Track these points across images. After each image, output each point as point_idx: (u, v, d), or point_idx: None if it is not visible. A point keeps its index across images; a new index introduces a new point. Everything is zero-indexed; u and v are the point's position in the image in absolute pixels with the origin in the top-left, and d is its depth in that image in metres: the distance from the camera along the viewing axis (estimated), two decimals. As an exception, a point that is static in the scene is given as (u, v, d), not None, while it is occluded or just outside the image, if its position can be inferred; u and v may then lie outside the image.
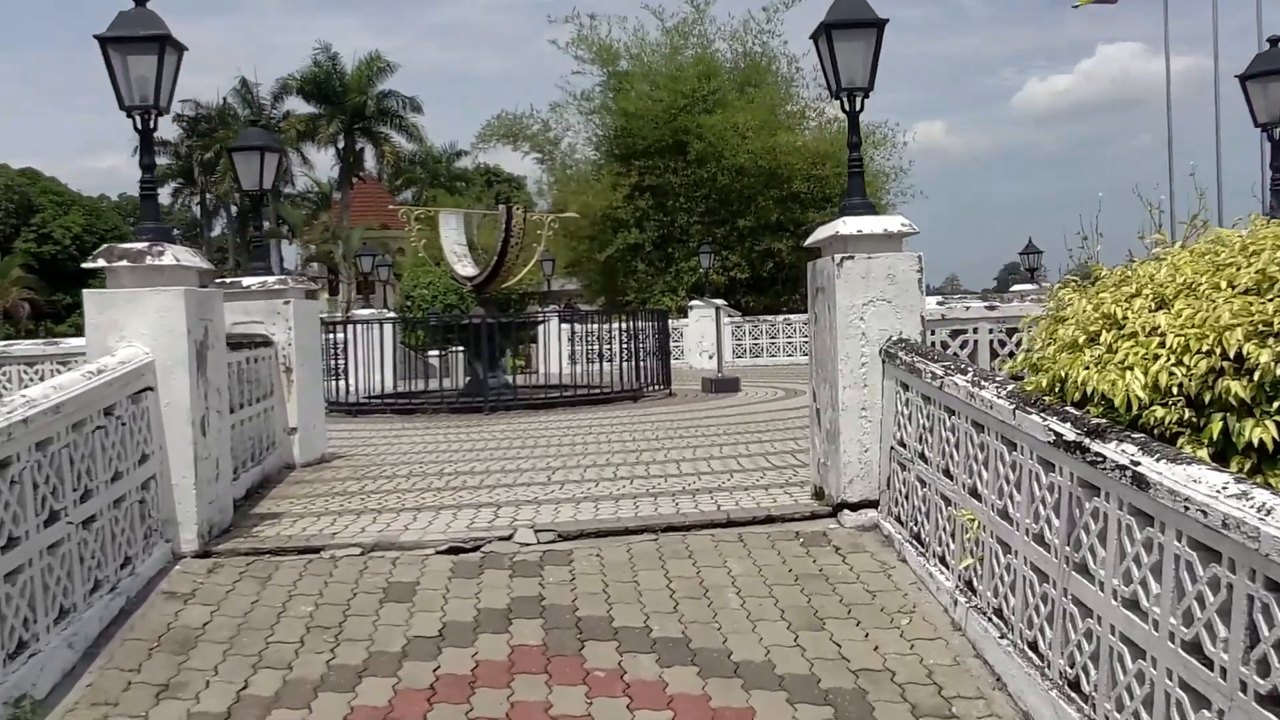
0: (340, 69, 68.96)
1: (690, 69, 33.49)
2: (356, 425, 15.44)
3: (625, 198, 32.78)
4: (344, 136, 70.36)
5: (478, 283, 18.78)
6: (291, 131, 69.75)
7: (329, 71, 68.87)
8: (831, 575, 6.32)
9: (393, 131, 72.35)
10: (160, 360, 6.66)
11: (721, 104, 32.89)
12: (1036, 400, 4.88)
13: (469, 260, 19.58)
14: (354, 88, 68.39)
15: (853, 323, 7.24)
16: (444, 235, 19.57)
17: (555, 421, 14.72)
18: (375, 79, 69.52)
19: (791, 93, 35.37)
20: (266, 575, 6.50)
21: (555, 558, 6.72)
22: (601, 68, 34.66)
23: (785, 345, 29.48)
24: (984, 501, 5.37)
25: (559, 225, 30.23)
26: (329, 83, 68.68)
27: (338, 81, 68.85)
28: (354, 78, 68.54)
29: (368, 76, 69.14)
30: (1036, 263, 25.42)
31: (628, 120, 33.35)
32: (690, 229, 33.12)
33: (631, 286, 33.53)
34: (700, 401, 17.54)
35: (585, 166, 36.11)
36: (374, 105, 69.65)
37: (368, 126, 71.35)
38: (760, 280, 33.32)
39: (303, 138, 70.61)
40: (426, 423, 15.55)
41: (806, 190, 32.42)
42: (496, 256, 18.25)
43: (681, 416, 14.82)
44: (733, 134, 31.86)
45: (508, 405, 16.78)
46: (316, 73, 68.66)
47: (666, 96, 32.82)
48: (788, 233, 32.41)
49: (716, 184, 32.75)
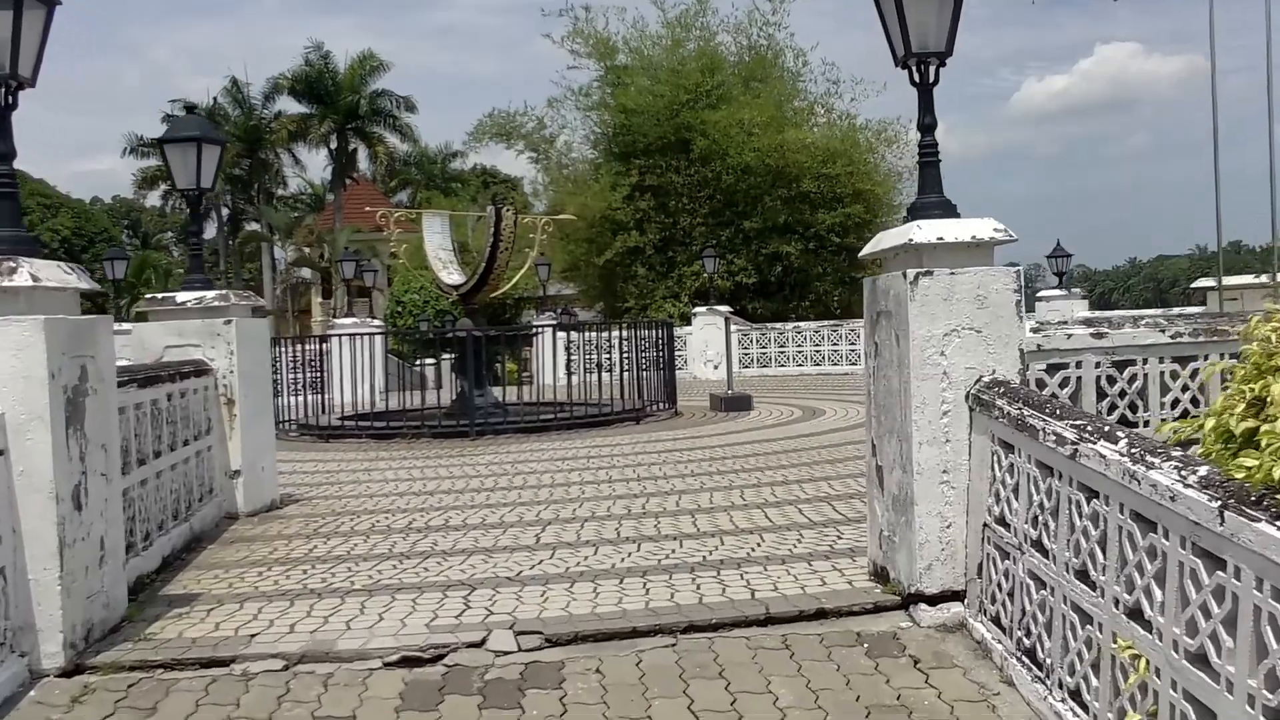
0: (333, 68, 67.48)
1: (692, 62, 31.86)
2: (327, 454, 13.79)
3: (625, 198, 31.15)
4: (336, 137, 68.88)
5: (464, 291, 17.12)
6: (283, 132, 68.31)
7: (321, 70, 67.40)
8: (915, 707, 4.63)
9: (386, 132, 70.81)
10: (10, 415, 4.98)
11: (726, 99, 31.28)
12: (1262, 500, 3.19)
13: (455, 267, 17.91)
14: (346, 87, 66.89)
15: (931, 359, 5.51)
16: (427, 240, 17.91)
17: (548, 450, 13.06)
18: (368, 78, 68.03)
19: (799, 88, 33.81)
20: (151, 705, 4.81)
21: (541, 674, 5.04)
22: (599, 62, 33.07)
23: (795, 355, 27.85)
24: (1158, 633, 3.67)
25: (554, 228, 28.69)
26: (321, 82, 67.23)
27: (330, 81, 67.40)
28: (346, 77, 67.05)
29: (360, 76, 67.66)
30: (1066, 267, 23.66)
31: (627, 117, 31.71)
32: (693, 231, 31.49)
33: (631, 292, 31.87)
34: (710, 423, 15.87)
35: (582, 166, 34.47)
36: (367, 105, 68.16)
37: (361, 126, 69.88)
38: (767, 285, 31.67)
39: (294, 138, 69.20)
40: (405, 451, 13.89)
41: (816, 190, 30.79)
42: (485, 263, 16.59)
43: (690, 444, 13.15)
44: (738, 131, 30.23)
45: (497, 429, 15.12)
46: (308, 72, 67.22)
47: (668, 91, 31.19)
48: (796, 235, 30.81)
49: (721, 184, 31.11)
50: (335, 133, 68.20)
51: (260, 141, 69.40)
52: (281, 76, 67.82)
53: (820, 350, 27.55)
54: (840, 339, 27.38)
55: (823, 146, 31.03)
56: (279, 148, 70.99)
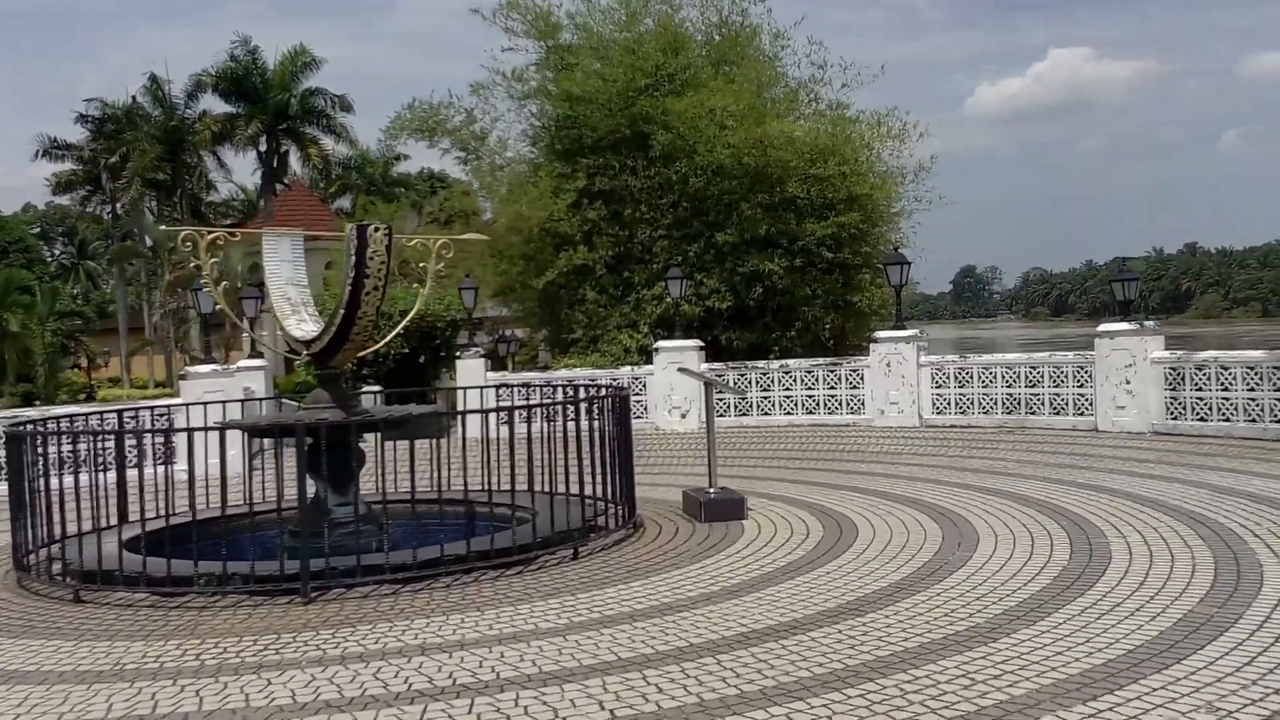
0: (261, 65, 62.42)
1: (651, 41, 26.23)
2: (38, 646, 8.00)
3: (570, 206, 25.48)
4: (266, 138, 63.61)
5: (317, 350, 11.38)
6: (206, 133, 63.17)
7: (248, 67, 62.25)
8: None
9: (320, 133, 65.67)
10: None
11: (692, 85, 25.70)
12: None
13: (309, 311, 12.14)
14: (277, 85, 61.79)
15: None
16: (269, 273, 12.15)
17: (408, 668, 7.30)
18: (300, 75, 62.90)
19: (778, 73, 28.20)
20: None
21: None
22: (539, 41, 27.33)
23: (782, 400, 22.26)
24: None
25: (463, 250, 23.03)
26: (248, 79, 62.12)
27: (258, 78, 62.30)
28: (277, 74, 61.92)
29: (292, 73, 62.52)
30: (1133, 293, 18.20)
31: (571, 106, 26.02)
32: (654, 246, 25.82)
33: (578, 321, 26.21)
34: (687, 557, 10.16)
35: (520, 167, 28.67)
36: (298, 104, 62.98)
37: (293, 127, 64.67)
38: (746, 311, 26.04)
39: (219, 139, 64.18)
40: (181, 636, 8.16)
41: (803, 195, 25.28)
42: (343, 308, 10.86)
43: (670, 645, 7.46)
44: (708, 122, 24.65)
45: (347, 579, 9.40)
46: (234, 68, 62.09)
47: (622, 75, 25.56)
48: (780, 249, 25.28)
49: (688, 188, 25.44)
50: (265, 134, 63.07)
51: (183, 143, 64.02)
52: (205, 73, 62.57)
53: (814, 395, 21.98)
54: (839, 381, 21.82)
55: (810, 142, 25.51)
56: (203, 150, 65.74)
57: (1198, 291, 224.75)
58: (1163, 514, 10.96)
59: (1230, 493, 12.08)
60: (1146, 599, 7.86)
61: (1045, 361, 19.76)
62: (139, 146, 61.85)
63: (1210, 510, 11.06)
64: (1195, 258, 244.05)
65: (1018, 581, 8.55)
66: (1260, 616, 7.31)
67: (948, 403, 20.70)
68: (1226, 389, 17.12)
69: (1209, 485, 12.64)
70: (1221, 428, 17.07)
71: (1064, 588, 8.29)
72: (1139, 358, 18.11)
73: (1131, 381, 18.12)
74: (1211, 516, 10.72)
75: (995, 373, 20.19)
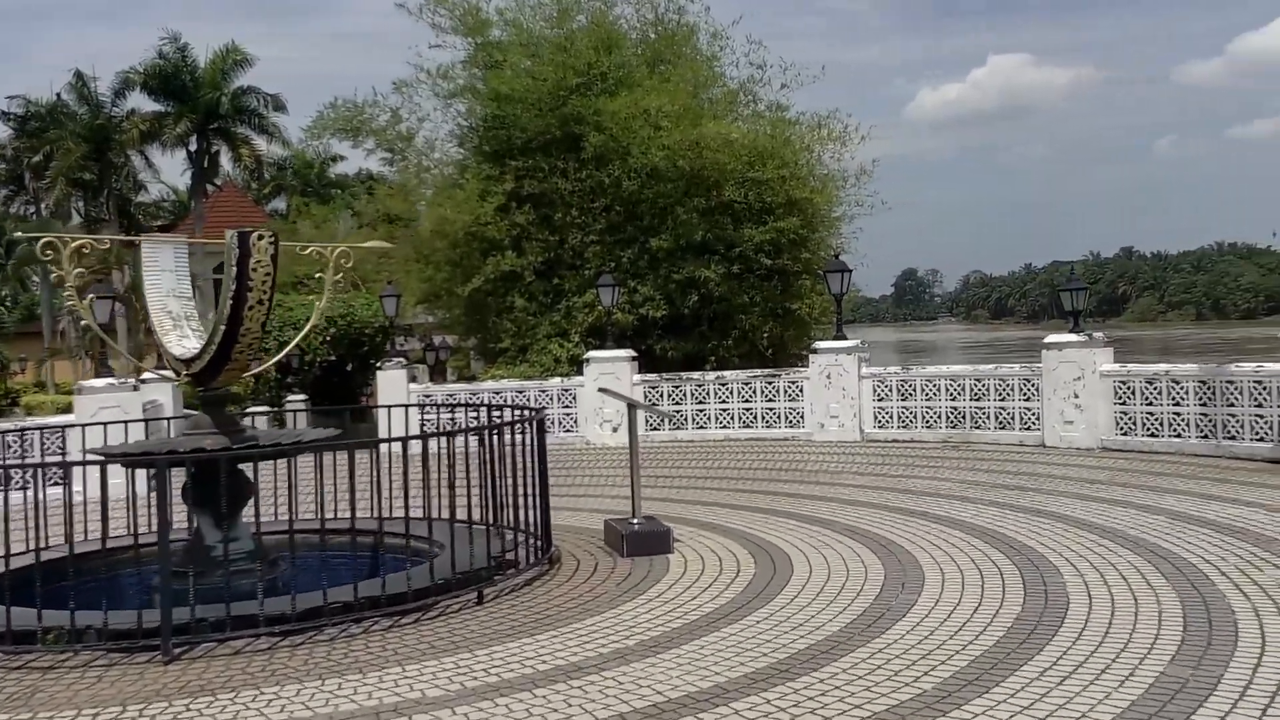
0: (191, 62, 60.74)
1: (584, 38, 25.20)
2: None
3: (498, 210, 24.39)
4: (196, 138, 62.00)
5: (197, 370, 10.26)
6: (134, 131, 61.38)
7: (178, 65, 60.56)
8: None
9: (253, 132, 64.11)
10: None
11: (627, 84, 24.68)
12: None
13: (192, 326, 11.01)
14: (207, 83, 60.19)
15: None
16: (148, 284, 11.01)
17: None
18: (232, 74, 61.33)
19: (716, 73, 27.28)
20: None
21: None
22: (468, 38, 26.21)
23: (718, 414, 21.33)
24: None
25: (387, 255, 21.96)
26: (178, 77, 60.44)
27: (188, 76, 60.65)
28: (207, 72, 60.32)
29: (223, 71, 60.91)
30: (1081, 303, 17.50)
31: (500, 105, 24.92)
32: (586, 252, 24.78)
33: (507, 329, 25.11)
34: (605, 600, 9.15)
35: (447, 169, 27.51)
36: (229, 103, 61.33)
37: (224, 126, 63.07)
38: (681, 320, 25.06)
39: (147, 138, 62.33)
40: (13, 708, 7.07)
41: (741, 199, 24.35)
42: (224, 324, 9.76)
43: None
44: (642, 123, 23.66)
45: (218, 633, 8.32)
46: (163, 66, 60.38)
47: (553, 73, 24.51)
48: (717, 255, 24.35)
49: (621, 191, 24.44)
50: (195, 133, 61.48)
51: (110, 142, 62.24)
52: (133, 71, 60.79)
53: (751, 408, 21.07)
54: (777, 393, 20.93)
55: (749, 144, 24.59)
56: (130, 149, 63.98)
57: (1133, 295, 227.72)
58: (1121, 546, 10.12)
59: (1190, 520, 11.28)
60: (1112, 657, 6.97)
61: (991, 374, 18.98)
62: (63, 145, 60.00)
63: (1171, 542, 10.23)
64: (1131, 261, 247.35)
65: (968, 633, 7.64)
66: (1240, 680, 6.45)
67: (890, 416, 19.87)
68: (1178, 404, 16.41)
69: (1166, 511, 11.84)
70: (1173, 444, 16.35)
71: (1020, 641, 7.39)
72: (1087, 371, 17.37)
73: (1080, 395, 17.38)
74: (1173, 550, 9.89)
75: (939, 385, 19.38)
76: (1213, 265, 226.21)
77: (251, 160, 65.55)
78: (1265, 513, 11.58)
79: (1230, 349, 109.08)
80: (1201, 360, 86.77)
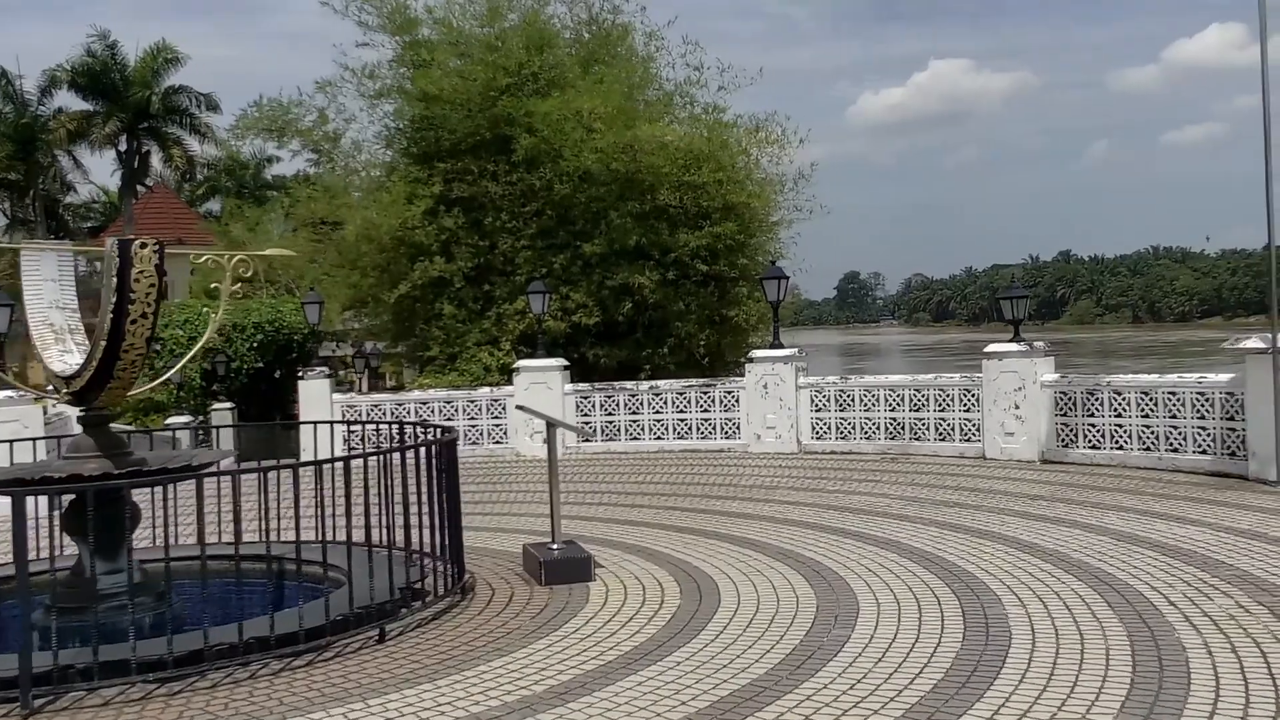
0: (121, 60, 59.61)
1: (515, 37, 24.50)
2: None
3: (425, 214, 23.64)
4: (127, 137, 60.74)
5: (78, 389, 9.47)
6: (61, 131, 60.09)
7: (106, 63, 59.35)
8: None
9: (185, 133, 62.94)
10: None
11: (559, 85, 24.03)
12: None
13: (75, 340, 10.20)
14: (137, 82, 59.03)
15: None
16: (29, 295, 10.19)
17: None
18: (163, 72, 60.16)
19: (651, 74, 26.68)
20: None
21: None
22: (395, 36, 25.42)
23: (652, 424, 20.70)
24: None
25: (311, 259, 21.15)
26: (107, 75, 59.23)
27: (118, 74, 59.43)
28: (137, 71, 59.19)
29: (153, 70, 59.75)
30: (1022, 312, 17.10)
31: (429, 106, 24.17)
32: (516, 257, 24.10)
33: (436, 337, 24.35)
34: (517, 637, 8.45)
35: (374, 171, 26.69)
36: (160, 102, 60.14)
37: (154, 126, 61.86)
38: (615, 327, 24.45)
39: (75, 138, 61.06)
40: None
41: (677, 204, 23.76)
42: (104, 340, 8.99)
43: None
44: (574, 125, 23.00)
45: (86, 681, 7.56)
46: (91, 64, 59.07)
47: (483, 73, 23.80)
48: (652, 261, 23.77)
49: (553, 195, 23.78)
50: (125, 132, 60.27)
51: (36, 141, 60.80)
52: (60, 68, 59.42)
53: (686, 419, 20.47)
54: (712, 403, 20.33)
55: (684, 148, 24.01)
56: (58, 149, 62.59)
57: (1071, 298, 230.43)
58: (1065, 572, 9.60)
59: (1135, 541, 10.80)
60: (1057, 705, 6.41)
61: (930, 384, 18.48)
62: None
63: (1117, 567, 9.73)
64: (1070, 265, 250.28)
65: (903, 675, 7.06)
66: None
67: (828, 427, 19.34)
68: (1120, 415, 16.00)
69: (1111, 531, 11.36)
70: (1115, 456, 15.94)
71: (959, 686, 6.81)
72: (1028, 381, 16.93)
73: (1021, 406, 16.93)
74: (1119, 577, 9.38)
75: (878, 395, 18.86)
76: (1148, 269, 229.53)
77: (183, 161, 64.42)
78: (1210, 531, 11.15)
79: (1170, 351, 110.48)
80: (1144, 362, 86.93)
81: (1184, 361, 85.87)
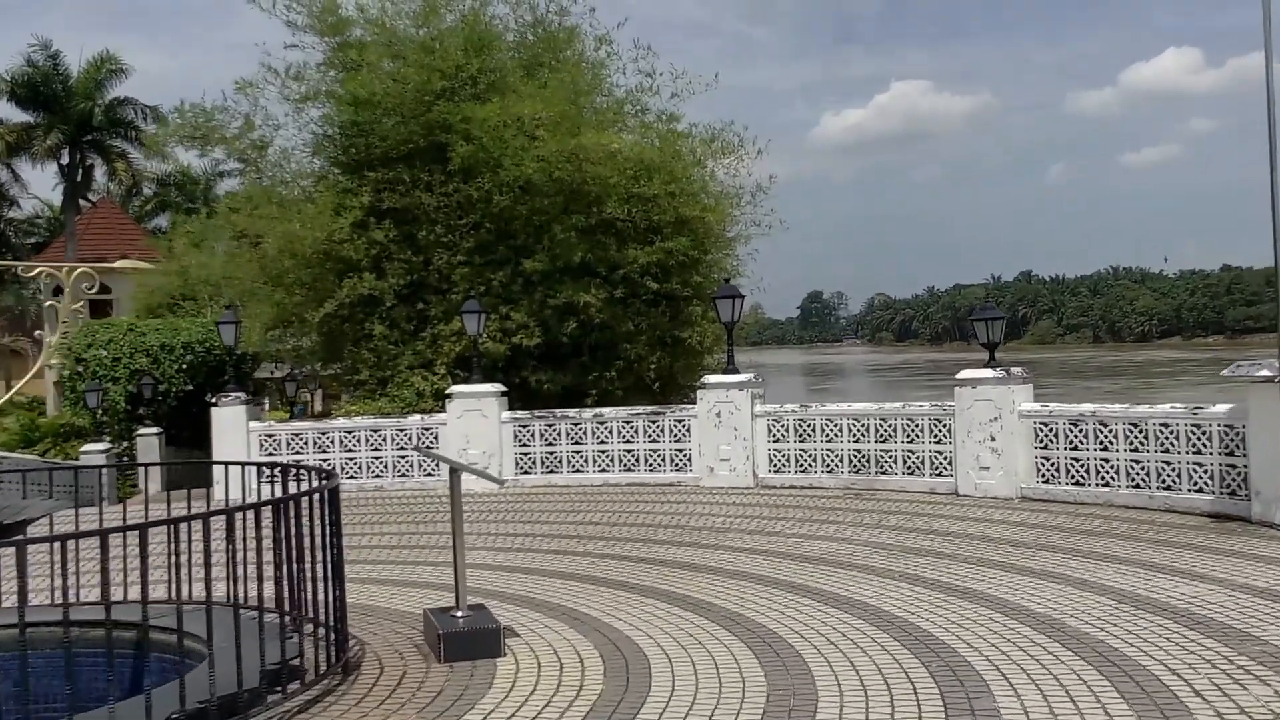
0: (63, 71, 57.66)
1: (453, 38, 22.88)
2: None
3: (354, 226, 21.92)
4: (70, 150, 58.87)
5: None
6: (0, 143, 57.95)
7: (48, 73, 57.47)
8: None
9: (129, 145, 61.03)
10: None
11: (499, 89, 22.42)
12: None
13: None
14: (80, 93, 57.11)
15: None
16: None
17: None
18: (107, 84, 58.30)
19: (600, 79, 25.12)
20: None
21: None
22: (324, 37, 23.74)
23: (596, 455, 19.08)
24: None
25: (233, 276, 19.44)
26: (48, 85, 57.24)
27: (59, 85, 57.49)
28: (80, 81, 57.39)
29: (97, 81, 57.87)
30: (998, 334, 15.60)
31: (359, 111, 22.48)
32: (453, 274, 22.43)
33: (366, 360, 22.62)
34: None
35: (304, 182, 24.93)
36: (104, 114, 58.25)
37: (98, 139, 59.97)
38: (558, 349, 22.80)
39: (15, 151, 59.04)
40: None
41: (625, 217, 22.18)
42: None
43: None
44: (515, 132, 21.38)
45: None
46: (31, 74, 57.18)
47: (416, 76, 22.15)
48: (598, 278, 22.16)
49: (492, 207, 22.16)
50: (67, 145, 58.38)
51: (-28, 154, 58.76)
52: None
53: (633, 449, 18.85)
54: (662, 433, 18.73)
55: (634, 157, 22.42)
56: (-5, 162, 60.54)
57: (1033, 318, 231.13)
58: (1062, 647, 8.03)
59: (1138, 603, 9.24)
60: None
61: (898, 413, 16.92)
62: (-84, 159, 56.49)
63: (1122, 639, 8.16)
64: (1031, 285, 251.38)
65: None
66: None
67: (787, 460, 17.76)
68: (1107, 448, 14.50)
69: (1109, 589, 9.80)
70: (1100, 494, 14.45)
71: None
72: (1005, 410, 15.41)
73: (997, 438, 15.41)
74: (1127, 654, 7.80)
75: (841, 425, 17.29)
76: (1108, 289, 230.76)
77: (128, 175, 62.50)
78: (1223, 591, 9.62)
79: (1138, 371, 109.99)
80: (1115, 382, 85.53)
81: (1154, 382, 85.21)
